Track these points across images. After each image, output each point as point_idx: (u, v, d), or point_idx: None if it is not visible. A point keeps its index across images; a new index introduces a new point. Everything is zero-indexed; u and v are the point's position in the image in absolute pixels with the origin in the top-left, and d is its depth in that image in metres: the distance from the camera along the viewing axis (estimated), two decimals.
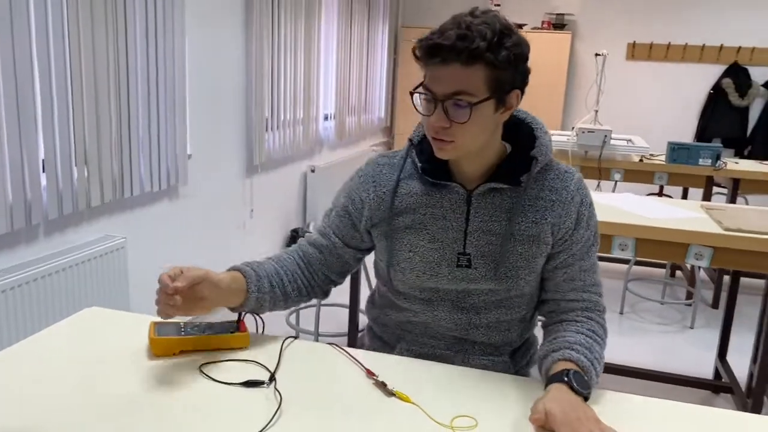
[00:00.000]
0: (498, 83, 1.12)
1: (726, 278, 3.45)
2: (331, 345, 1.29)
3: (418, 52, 1.13)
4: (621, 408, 1.12)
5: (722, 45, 5.62)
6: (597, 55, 3.94)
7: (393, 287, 1.35)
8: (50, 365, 1.15)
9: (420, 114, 1.19)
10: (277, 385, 1.12)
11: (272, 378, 1.14)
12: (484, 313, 1.31)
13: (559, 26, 5.84)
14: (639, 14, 5.79)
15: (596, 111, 4.11)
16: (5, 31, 2.06)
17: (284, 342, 1.28)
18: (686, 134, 5.81)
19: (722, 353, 3.03)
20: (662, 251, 2.30)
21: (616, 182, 4.07)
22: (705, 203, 2.72)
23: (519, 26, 1.36)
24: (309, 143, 4.55)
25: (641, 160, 3.91)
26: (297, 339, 1.31)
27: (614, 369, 2.96)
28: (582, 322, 1.26)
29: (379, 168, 1.33)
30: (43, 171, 2.29)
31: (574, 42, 5.94)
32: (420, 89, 1.16)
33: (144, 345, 1.25)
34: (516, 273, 1.25)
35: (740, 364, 3.05)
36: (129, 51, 2.61)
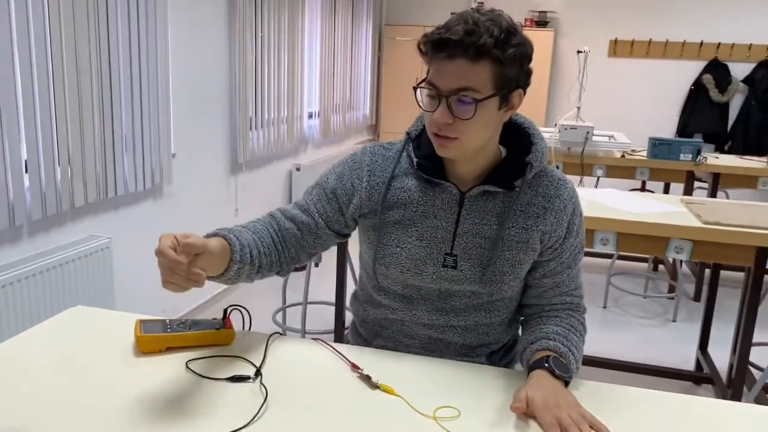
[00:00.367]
0: (503, 81, 1.11)
1: (707, 272, 3.50)
2: (316, 340, 1.30)
3: (424, 47, 1.12)
4: (603, 397, 1.14)
5: (702, 41, 5.69)
6: (579, 52, 3.98)
7: (376, 281, 1.35)
8: (36, 364, 1.16)
9: (423, 110, 1.18)
10: (263, 380, 1.13)
11: (258, 373, 1.15)
12: (464, 315, 1.31)
13: (542, 24, 5.88)
14: (620, 12, 5.85)
15: (578, 107, 4.16)
16: None
17: (270, 338, 1.29)
18: (667, 130, 5.88)
19: (703, 345, 3.08)
20: (643, 245, 2.34)
21: (599, 178, 4.12)
22: (685, 197, 2.76)
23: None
24: (294, 141, 4.56)
25: (623, 156, 3.95)
26: (283, 335, 1.32)
27: (598, 362, 3.00)
28: (562, 318, 1.28)
29: (375, 158, 1.31)
30: (26, 172, 2.27)
31: (557, 39, 5.99)
32: (423, 84, 1.15)
33: (130, 343, 1.25)
34: (501, 278, 1.25)
35: (721, 356, 3.10)
36: (111, 50, 2.61)
